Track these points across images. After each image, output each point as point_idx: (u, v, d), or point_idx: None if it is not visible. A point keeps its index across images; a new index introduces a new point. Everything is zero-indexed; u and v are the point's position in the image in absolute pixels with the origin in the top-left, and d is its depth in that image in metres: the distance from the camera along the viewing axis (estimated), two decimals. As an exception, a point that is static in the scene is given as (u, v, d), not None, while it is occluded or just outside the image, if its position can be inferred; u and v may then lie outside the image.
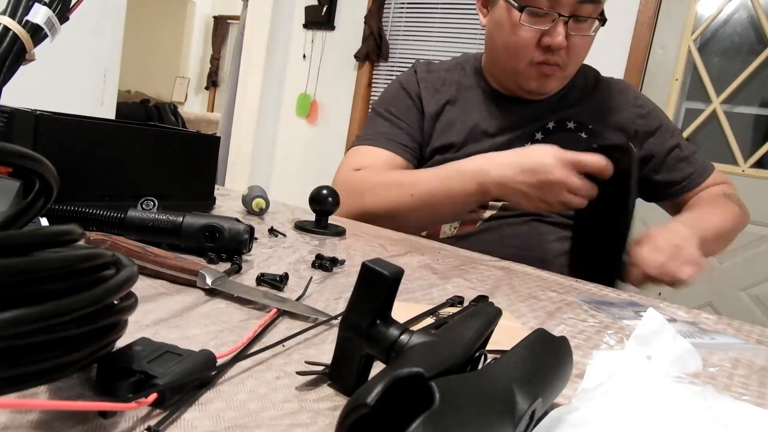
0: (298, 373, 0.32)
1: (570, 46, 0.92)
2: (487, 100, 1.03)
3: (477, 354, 0.29)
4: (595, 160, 0.75)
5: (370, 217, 0.93)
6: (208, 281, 0.45)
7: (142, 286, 0.45)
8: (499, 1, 0.94)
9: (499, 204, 0.97)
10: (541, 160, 0.77)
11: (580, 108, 1.03)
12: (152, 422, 0.25)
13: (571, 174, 0.76)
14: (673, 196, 1.06)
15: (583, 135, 1.00)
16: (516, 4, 0.90)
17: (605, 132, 1.01)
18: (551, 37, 0.89)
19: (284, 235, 0.72)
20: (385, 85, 1.13)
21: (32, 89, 1.01)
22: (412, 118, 1.04)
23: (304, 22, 3.40)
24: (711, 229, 0.91)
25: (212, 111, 6.05)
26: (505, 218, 0.97)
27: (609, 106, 1.03)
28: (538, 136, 1.00)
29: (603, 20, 0.92)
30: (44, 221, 0.51)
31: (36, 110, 0.59)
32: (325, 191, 0.77)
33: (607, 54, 2.33)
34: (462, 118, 1.02)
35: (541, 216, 0.97)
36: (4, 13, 0.51)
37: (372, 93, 3.23)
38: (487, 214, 0.97)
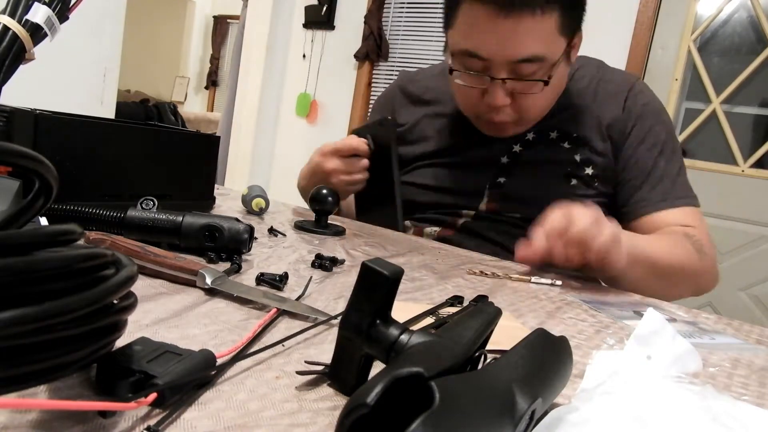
0: (298, 372, 0.32)
1: (517, 104, 0.84)
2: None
3: (477, 354, 0.29)
4: (351, 142, 0.89)
5: None
6: (208, 281, 0.45)
7: (141, 285, 0.45)
8: (447, 53, 0.90)
9: (473, 213, 0.94)
10: (312, 158, 0.94)
11: (565, 115, 0.92)
12: (152, 422, 0.25)
13: (335, 160, 0.90)
14: (623, 220, 0.89)
15: (566, 145, 0.90)
16: (450, 64, 0.86)
17: (592, 139, 0.90)
18: (490, 97, 0.83)
19: (284, 235, 0.72)
20: (386, 85, 1.14)
21: (32, 89, 1.01)
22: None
23: (304, 22, 3.40)
24: (648, 250, 0.74)
25: (212, 111, 6.05)
26: (481, 221, 0.93)
27: (597, 111, 0.91)
28: (516, 148, 0.92)
29: (547, 82, 0.81)
30: (44, 221, 0.51)
31: (36, 109, 0.59)
32: (325, 191, 0.77)
33: (607, 54, 2.32)
34: (439, 128, 1.00)
35: (516, 221, 0.91)
36: (3, 12, 0.51)
37: (372, 93, 3.23)
38: (462, 220, 0.94)
